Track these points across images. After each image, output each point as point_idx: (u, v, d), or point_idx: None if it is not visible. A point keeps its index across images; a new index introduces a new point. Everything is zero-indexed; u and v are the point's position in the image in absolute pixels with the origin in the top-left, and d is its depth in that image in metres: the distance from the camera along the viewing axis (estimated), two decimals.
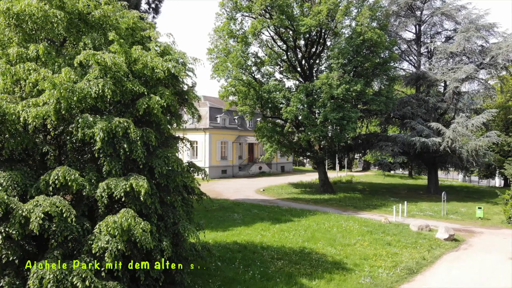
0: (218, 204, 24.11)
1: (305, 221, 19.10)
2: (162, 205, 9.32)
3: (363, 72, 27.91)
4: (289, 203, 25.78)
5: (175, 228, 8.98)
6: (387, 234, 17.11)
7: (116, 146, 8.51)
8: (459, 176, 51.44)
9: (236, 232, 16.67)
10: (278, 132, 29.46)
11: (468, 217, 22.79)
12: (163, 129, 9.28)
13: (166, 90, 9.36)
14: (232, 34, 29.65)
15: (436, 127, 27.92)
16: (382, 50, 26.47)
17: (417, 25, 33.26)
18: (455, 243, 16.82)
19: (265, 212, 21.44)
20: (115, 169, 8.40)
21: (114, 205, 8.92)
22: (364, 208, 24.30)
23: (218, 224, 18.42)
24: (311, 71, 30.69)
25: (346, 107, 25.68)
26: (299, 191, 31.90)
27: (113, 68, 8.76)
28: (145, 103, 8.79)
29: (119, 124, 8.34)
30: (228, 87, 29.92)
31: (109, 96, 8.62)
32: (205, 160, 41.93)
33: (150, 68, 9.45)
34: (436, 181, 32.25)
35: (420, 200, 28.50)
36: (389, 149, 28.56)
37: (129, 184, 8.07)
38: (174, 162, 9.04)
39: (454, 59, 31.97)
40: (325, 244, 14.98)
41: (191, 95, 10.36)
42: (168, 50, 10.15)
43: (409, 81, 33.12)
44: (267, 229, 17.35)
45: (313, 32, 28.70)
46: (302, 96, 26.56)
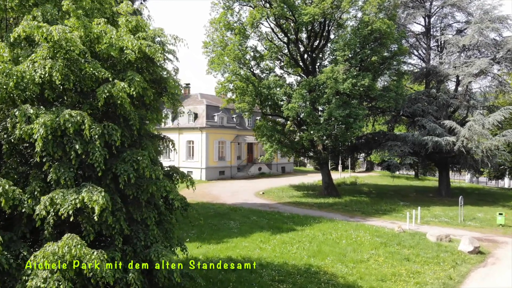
0: (213, 209, 22.05)
1: (309, 231, 17.02)
2: (131, 223, 7.27)
3: (370, 66, 25.83)
4: (291, 208, 23.72)
5: (147, 253, 6.92)
6: (403, 246, 15.04)
7: (66, 148, 6.46)
8: (466, 176, 49.41)
9: (231, 244, 14.59)
10: (278, 131, 27.38)
11: (488, 224, 20.74)
12: (132, 125, 7.21)
13: (137, 75, 7.29)
14: (229, 26, 27.56)
15: (450, 125, 25.83)
16: (391, 41, 24.36)
17: (426, 17, 31.20)
18: (480, 256, 14.77)
19: (264, 219, 19.36)
20: (65, 178, 6.35)
21: (67, 224, 6.86)
22: (373, 214, 22.23)
23: (212, 234, 16.34)
24: (313, 66, 28.61)
25: (353, 103, 23.61)
26: (301, 194, 29.82)
27: (65, 46, 6.69)
28: (106, 91, 6.73)
29: (70, 118, 6.29)
30: (225, 83, 27.83)
31: (58, 82, 6.57)
32: (201, 161, 39.83)
33: (118, 48, 7.39)
34: (448, 183, 30.19)
35: (431, 204, 26.43)
36: (398, 149, 26.46)
37: (80, 198, 6.01)
38: (146, 168, 6.98)
39: (466, 53, 29.93)
40: (334, 260, 12.90)
41: (170, 83, 8.28)
42: (141, 26, 8.08)
43: (418, 77, 31.08)
44: (267, 240, 15.27)
45: (316, 23, 26.63)
46: (305, 92, 24.48)
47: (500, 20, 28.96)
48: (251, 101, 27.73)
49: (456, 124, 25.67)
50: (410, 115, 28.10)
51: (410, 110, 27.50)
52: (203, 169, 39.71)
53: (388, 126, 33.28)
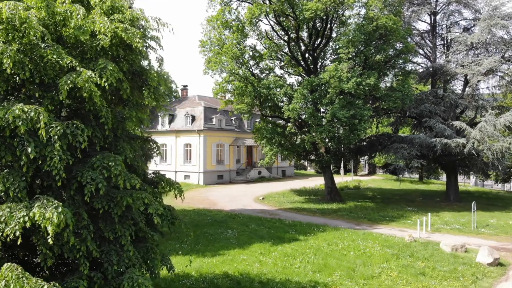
0: (210, 217, 20.74)
1: (313, 241, 15.70)
2: (101, 242, 5.98)
3: (376, 64, 24.59)
4: (293, 215, 22.40)
5: (120, 280, 5.63)
6: (417, 258, 13.74)
7: (17, 151, 5.20)
8: (470, 179, 48.05)
9: (228, 258, 13.28)
10: (279, 133, 26.08)
11: (502, 231, 19.44)
12: (104, 123, 5.95)
13: (110, 64, 6.03)
14: (227, 24, 26.39)
15: (460, 126, 24.54)
16: (397, 38, 23.14)
17: (431, 14, 30.03)
18: (501, 268, 13.46)
19: (264, 228, 18.04)
20: (15, 189, 5.09)
21: (19, 246, 5.59)
22: (380, 221, 20.91)
23: (207, 245, 15.03)
24: (315, 66, 27.37)
25: (357, 104, 22.36)
26: (303, 199, 28.50)
27: (19, 27, 5.45)
28: (69, 81, 5.47)
29: (21, 115, 5.03)
30: (223, 83, 26.59)
31: (9, 71, 5.32)
32: (199, 165, 38.50)
33: (88, 31, 6.13)
34: (456, 188, 28.86)
35: (440, 209, 25.12)
36: (404, 152, 25.14)
37: (31, 215, 4.74)
38: (119, 176, 5.72)
39: (474, 51, 28.74)
40: (343, 275, 11.58)
41: (152, 74, 7.01)
42: (118, 7, 6.83)
43: (424, 76, 29.88)
44: (267, 252, 13.96)
45: (317, 20, 25.45)
46: (307, 92, 23.21)
47: (509, 17, 27.78)
48: (250, 102, 26.50)
49: (466, 125, 24.40)
50: (417, 116, 26.83)
51: (417, 111, 26.22)
52: (201, 173, 38.39)
53: (392, 128, 32.01)
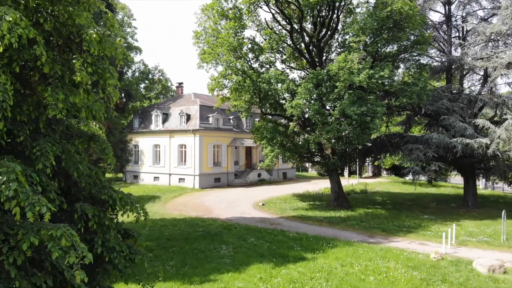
0: (202, 227, 18.21)
1: (323, 260, 13.16)
2: None
3: (387, 56, 22.10)
4: (297, 224, 19.87)
5: None
6: (451, 284, 11.22)
7: None
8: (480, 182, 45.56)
9: (220, 285, 10.74)
10: (280, 133, 23.54)
11: None
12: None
13: (13, 12, 3.53)
14: (223, 13, 23.94)
15: (483, 124, 22.05)
16: (414, 26, 20.64)
17: (446, 3, 27.54)
18: None
19: (265, 242, 15.48)
20: None
21: None
22: (396, 232, 18.38)
23: (197, 266, 12.48)
24: (320, 59, 24.86)
25: (369, 99, 19.86)
26: (307, 205, 25.94)
27: None
28: None
29: None
30: (219, 78, 24.12)
31: None
32: (194, 167, 35.94)
33: None
34: (475, 192, 26.32)
35: (459, 217, 22.58)
36: (419, 153, 22.60)
37: None
38: (16, 198, 3.20)
39: (494, 43, 26.25)
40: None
41: (90, 35, 4.50)
42: None
43: (438, 70, 27.35)
44: (269, 277, 11.42)
45: (323, 7, 22.98)
46: (312, 86, 20.71)
47: None
48: (249, 99, 24.03)
49: (489, 124, 21.88)
50: (433, 113, 24.30)
51: (433, 108, 23.67)
52: (196, 176, 35.82)
53: (404, 127, 29.48)
